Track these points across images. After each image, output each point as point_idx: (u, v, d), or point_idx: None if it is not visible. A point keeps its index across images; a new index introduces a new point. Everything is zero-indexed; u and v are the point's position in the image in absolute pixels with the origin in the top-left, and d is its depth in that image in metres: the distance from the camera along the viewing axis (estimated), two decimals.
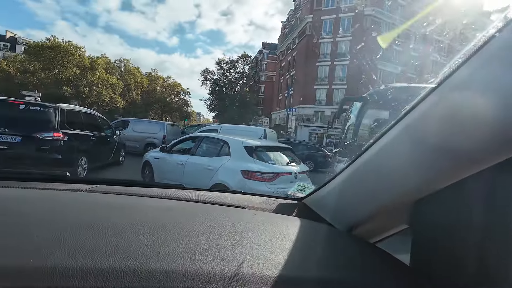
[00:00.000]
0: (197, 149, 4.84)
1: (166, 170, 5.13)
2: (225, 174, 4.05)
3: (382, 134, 0.65)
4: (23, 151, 4.96)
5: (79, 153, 5.91)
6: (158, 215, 0.73)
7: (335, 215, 0.83)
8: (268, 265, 0.52)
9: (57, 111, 5.35)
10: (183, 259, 0.50)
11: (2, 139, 4.86)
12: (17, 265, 0.44)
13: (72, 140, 5.56)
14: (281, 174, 4.03)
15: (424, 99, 0.53)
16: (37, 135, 5.04)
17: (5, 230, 0.55)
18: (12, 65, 35.49)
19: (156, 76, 48.55)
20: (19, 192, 0.85)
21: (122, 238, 0.55)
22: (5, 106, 5.28)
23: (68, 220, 0.62)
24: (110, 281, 0.44)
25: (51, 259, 0.46)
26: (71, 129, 5.63)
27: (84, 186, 1.00)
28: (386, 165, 0.64)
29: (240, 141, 4.37)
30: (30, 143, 5.01)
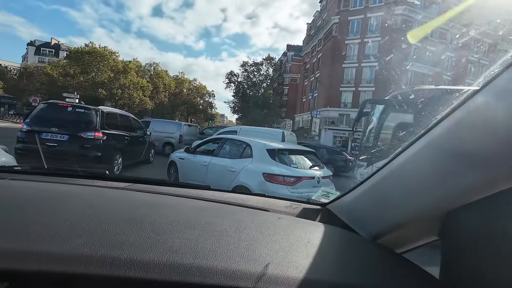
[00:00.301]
0: (220, 150, 4.89)
1: (190, 170, 5.26)
2: (247, 176, 4.05)
3: (413, 140, 0.63)
4: (69, 148, 5.51)
5: (115, 151, 6.38)
6: (190, 214, 0.77)
7: (360, 223, 0.81)
8: (293, 268, 0.53)
9: (98, 113, 5.93)
10: (214, 257, 0.54)
11: (52, 137, 5.48)
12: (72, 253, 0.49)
13: (110, 140, 6.07)
14: (303, 178, 3.97)
15: (463, 104, 0.50)
16: (81, 134, 5.62)
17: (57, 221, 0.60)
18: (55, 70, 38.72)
19: (183, 78, 50.30)
20: (67, 188, 0.92)
21: (159, 235, 0.59)
22: (55, 108, 5.92)
23: (112, 215, 0.68)
24: (151, 273, 0.47)
25: (101, 250, 0.51)
26: (109, 129, 6.15)
27: (122, 184, 1.08)
28: (416, 174, 0.62)
29: (263, 143, 4.35)
30: (75, 142, 5.58)
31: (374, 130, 6.53)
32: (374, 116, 6.75)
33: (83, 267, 0.47)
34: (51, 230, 0.56)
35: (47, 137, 5.47)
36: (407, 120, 6.09)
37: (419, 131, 0.61)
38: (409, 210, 0.64)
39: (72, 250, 0.50)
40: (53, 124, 5.53)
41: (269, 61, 41.90)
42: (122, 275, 0.47)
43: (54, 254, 0.49)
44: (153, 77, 44.23)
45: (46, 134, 5.49)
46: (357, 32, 29.82)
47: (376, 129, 6.45)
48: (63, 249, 0.50)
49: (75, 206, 0.72)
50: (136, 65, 41.47)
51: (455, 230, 0.56)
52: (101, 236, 0.56)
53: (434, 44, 27.28)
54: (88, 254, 0.50)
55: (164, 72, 46.55)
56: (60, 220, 0.61)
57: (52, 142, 5.46)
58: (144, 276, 0.47)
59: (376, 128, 6.45)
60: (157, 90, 43.21)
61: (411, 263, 0.67)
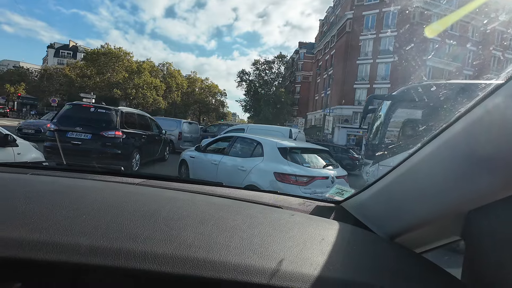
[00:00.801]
0: (230, 149, 4.80)
1: (200, 169, 5.21)
2: (257, 176, 3.93)
3: (430, 138, 0.61)
4: (92, 146, 5.92)
5: (133, 149, 6.73)
6: (203, 209, 0.77)
7: (376, 221, 0.79)
8: (307, 265, 0.53)
9: (118, 113, 6.31)
10: (227, 251, 0.54)
11: (77, 136, 5.92)
12: (89, 245, 0.51)
13: (128, 138, 6.45)
14: (316, 178, 3.80)
15: (483, 101, 0.49)
16: (102, 133, 6.00)
17: (75, 214, 0.63)
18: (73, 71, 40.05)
19: (195, 78, 50.79)
20: (84, 183, 0.96)
21: (173, 229, 0.60)
22: (79, 109, 6.38)
23: (127, 209, 0.69)
24: (164, 266, 0.49)
25: (116, 242, 0.53)
26: (128, 128, 6.52)
27: (136, 180, 1.11)
28: (433, 173, 0.60)
29: (274, 142, 4.20)
30: (97, 140, 5.98)
31: (380, 127, 6.28)
32: (381, 113, 6.48)
33: (99, 259, 0.49)
34: (69, 222, 0.58)
35: (72, 135, 5.89)
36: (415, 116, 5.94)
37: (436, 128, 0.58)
38: (427, 210, 0.62)
39: (89, 242, 0.52)
40: (78, 124, 5.97)
41: (281, 59, 41.52)
42: (137, 267, 0.48)
43: (72, 245, 0.51)
44: (166, 76, 44.88)
45: (72, 133, 5.92)
46: (372, 27, 28.95)
47: (382, 126, 6.21)
48: (80, 241, 0.52)
49: (92, 200, 0.74)
50: (150, 65, 42.19)
51: (478, 229, 0.54)
52: (117, 229, 0.57)
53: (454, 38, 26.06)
54: (104, 246, 0.51)
55: (176, 71, 47.13)
56: (78, 213, 0.63)
57: (76, 140, 5.88)
58: (157, 269, 0.48)
59: (382, 125, 6.21)
60: (170, 89, 43.83)
61: (431, 264, 0.65)
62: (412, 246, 0.72)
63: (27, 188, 0.79)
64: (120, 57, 38.26)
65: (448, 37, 25.62)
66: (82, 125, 5.97)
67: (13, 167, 1.15)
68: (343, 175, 4.28)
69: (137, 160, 6.97)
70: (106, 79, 37.51)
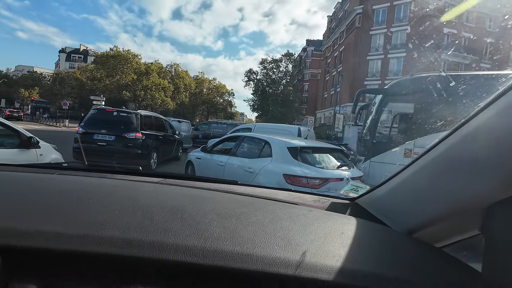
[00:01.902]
0: (237, 149, 4.53)
1: (206, 170, 4.97)
2: (265, 178, 3.64)
3: (450, 132, 0.61)
4: (115, 147, 6.47)
5: (152, 149, 7.18)
6: (225, 205, 0.79)
7: (393, 217, 0.79)
8: (330, 257, 0.54)
9: (137, 116, 6.85)
10: (253, 244, 0.56)
11: (103, 137, 6.50)
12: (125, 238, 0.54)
13: (147, 139, 6.93)
14: (330, 180, 3.48)
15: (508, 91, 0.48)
16: (125, 134, 6.54)
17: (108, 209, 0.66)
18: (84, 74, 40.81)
19: (202, 78, 50.90)
20: (108, 181, 1.00)
21: (200, 223, 0.63)
22: (104, 113, 6.97)
23: (153, 205, 0.72)
24: (196, 257, 0.51)
25: (149, 235, 0.56)
26: (146, 130, 7.02)
27: (155, 179, 1.14)
28: (453, 167, 0.60)
29: (283, 141, 3.91)
30: (120, 141, 6.53)
31: (372, 122, 6.16)
32: (372, 108, 6.34)
33: (135, 250, 0.52)
34: (103, 217, 0.61)
35: (98, 137, 6.46)
36: (407, 110, 5.80)
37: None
38: (445, 205, 0.62)
39: (124, 235, 0.55)
40: (102, 127, 6.55)
41: (288, 58, 40.96)
42: (170, 258, 0.51)
43: (109, 238, 0.54)
44: (174, 77, 45.14)
45: (97, 135, 6.48)
46: (382, 22, 28.07)
47: (374, 121, 6.08)
48: (116, 234, 0.55)
49: (120, 197, 0.77)
50: (158, 66, 42.50)
51: (498, 224, 0.54)
52: (148, 223, 0.60)
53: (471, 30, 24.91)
54: (138, 239, 0.54)
55: (184, 72, 47.35)
56: (109, 209, 0.66)
57: (102, 142, 6.45)
58: (190, 260, 0.51)
59: (374, 120, 6.09)
60: (178, 90, 44.05)
61: (451, 257, 0.65)
62: (431, 241, 0.71)
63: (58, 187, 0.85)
64: (129, 59, 38.70)
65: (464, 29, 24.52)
66: (106, 127, 6.53)
67: (39, 168, 1.23)
68: (358, 176, 3.94)
69: (155, 159, 7.37)
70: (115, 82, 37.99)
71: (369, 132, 6.26)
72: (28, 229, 0.55)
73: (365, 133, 6.55)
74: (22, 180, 0.90)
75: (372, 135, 6.14)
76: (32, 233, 0.54)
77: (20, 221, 0.58)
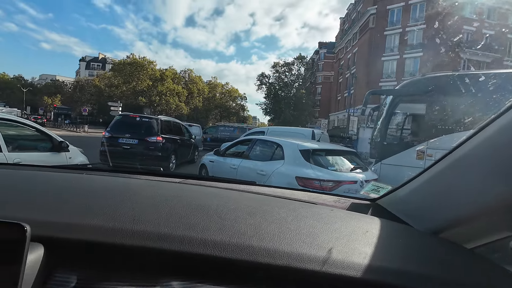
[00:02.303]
0: (250, 152, 4.55)
1: (219, 173, 5.01)
2: (278, 181, 3.60)
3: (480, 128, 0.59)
4: (138, 149, 7.01)
5: (171, 152, 7.65)
6: (248, 203, 0.80)
7: (418, 217, 0.76)
8: (356, 254, 0.54)
9: (158, 121, 7.39)
10: (279, 240, 0.56)
11: (127, 141, 7.09)
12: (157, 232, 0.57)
13: (167, 142, 7.43)
14: (343, 183, 3.41)
15: None
16: (147, 138, 7.08)
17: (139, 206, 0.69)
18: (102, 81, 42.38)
19: (215, 83, 51.54)
20: (133, 181, 1.03)
21: (225, 220, 0.64)
22: (127, 119, 7.57)
23: (180, 202, 0.75)
24: (223, 252, 0.52)
25: (178, 230, 0.58)
26: (166, 134, 7.51)
27: (176, 179, 1.17)
28: (482, 165, 0.58)
29: (296, 143, 3.89)
30: (143, 144, 7.07)
31: (383, 124, 6.06)
32: (383, 109, 6.23)
33: (166, 244, 0.54)
34: (135, 213, 0.64)
35: (123, 141, 7.04)
36: (419, 111, 5.64)
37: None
38: (472, 204, 0.60)
39: (156, 229, 0.57)
40: (127, 131, 7.13)
41: (301, 60, 40.80)
42: (199, 252, 0.52)
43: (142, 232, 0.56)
44: (187, 83, 45.99)
45: (122, 139, 7.07)
46: (397, 22, 27.43)
47: (385, 122, 5.99)
48: (149, 228, 0.57)
49: (147, 195, 0.79)
50: (172, 72, 43.46)
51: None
52: (176, 219, 0.62)
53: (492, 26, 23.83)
54: (169, 233, 0.56)
55: (198, 77, 48.15)
56: (140, 206, 0.69)
57: (126, 145, 7.01)
58: (218, 254, 0.52)
59: (385, 122, 5.99)
60: (192, 95, 44.81)
61: (483, 259, 0.63)
62: (460, 242, 0.68)
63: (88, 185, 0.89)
64: (144, 66, 39.83)
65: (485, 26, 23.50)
66: (130, 132, 7.10)
67: (68, 169, 1.30)
68: (373, 178, 3.84)
69: (173, 161, 7.78)
70: (131, 88, 39.17)
71: (380, 133, 6.16)
72: (69, 222, 0.59)
73: (376, 134, 6.46)
74: (56, 179, 0.97)
75: (383, 137, 6.03)
76: (73, 225, 0.58)
77: (61, 215, 0.62)
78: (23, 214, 0.61)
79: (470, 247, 0.67)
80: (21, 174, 1.03)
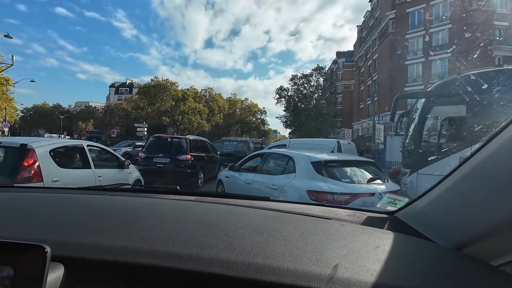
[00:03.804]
0: (262, 166, 4.47)
1: (234, 189, 5.00)
2: (289, 195, 3.45)
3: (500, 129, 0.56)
4: (170, 167, 7.57)
5: (199, 168, 8.04)
6: (256, 221, 0.81)
7: (438, 231, 0.72)
8: (364, 271, 0.52)
9: (187, 141, 7.99)
10: (284, 258, 0.56)
11: (160, 160, 7.69)
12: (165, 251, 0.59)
13: (195, 160, 7.91)
14: (359, 195, 3.17)
15: None
16: (177, 157, 7.61)
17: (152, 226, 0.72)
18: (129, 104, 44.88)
19: (235, 99, 52.46)
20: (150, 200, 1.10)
21: (232, 238, 0.66)
22: (160, 139, 8.23)
23: (191, 221, 0.77)
24: (229, 270, 0.53)
25: (186, 248, 0.60)
26: (194, 152, 8.03)
27: (191, 197, 1.23)
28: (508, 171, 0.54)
29: (307, 155, 3.71)
30: (174, 162, 7.60)
31: (416, 130, 5.47)
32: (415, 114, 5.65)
33: (174, 263, 0.56)
34: (147, 232, 0.68)
35: (157, 160, 7.67)
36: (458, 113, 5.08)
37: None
38: (500, 215, 0.54)
39: (165, 248, 0.60)
40: (160, 151, 7.74)
41: (319, 71, 40.35)
42: (205, 270, 0.54)
43: (151, 251, 0.59)
44: (208, 101, 47.26)
45: (156, 158, 7.68)
46: (419, 24, 26.29)
47: (418, 128, 5.39)
48: (159, 247, 0.60)
49: (161, 214, 0.83)
50: (193, 92, 45.02)
51: None
52: (186, 238, 0.65)
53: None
54: (177, 252, 0.59)
55: (218, 95, 49.38)
56: (153, 225, 0.73)
57: (160, 164, 7.61)
58: (223, 273, 0.53)
59: (418, 128, 5.39)
60: (213, 112, 45.83)
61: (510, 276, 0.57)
62: (485, 258, 0.61)
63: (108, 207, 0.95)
64: (167, 87, 41.67)
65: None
66: (163, 151, 7.71)
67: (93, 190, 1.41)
68: (394, 190, 3.56)
69: (202, 177, 8.18)
70: (156, 109, 40.98)
71: (414, 141, 5.59)
72: (87, 242, 0.63)
73: (408, 142, 5.90)
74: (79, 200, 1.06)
75: (417, 145, 5.45)
76: (91, 246, 0.62)
77: (80, 235, 0.67)
78: (44, 235, 0.67)
79: (496, 264, 0.60)
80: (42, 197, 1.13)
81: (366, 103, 34.37)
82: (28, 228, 0.71)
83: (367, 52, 35.43)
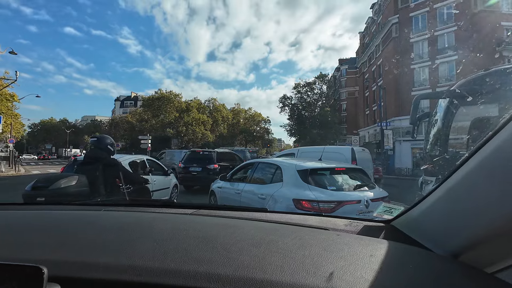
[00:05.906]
0: (252, 176, 4.31)
1: (225, 199, 4.91)
2: (276, 204, 3.39)
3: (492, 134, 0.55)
4: (202, 175, 9.57)
5: None
6: (254, 234, 0.81)
7: (434, 239, 0.72)
8: (361, 282, 0.53)
9: (214, 153, 10.22)
10: (282, 272, 0.56)
11: (194, 169, 9.84)
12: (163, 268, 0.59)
13: (222, 168, 9.35)
14: (345, 203, 3.16)
15: None
16: (207, 166, 9.68)
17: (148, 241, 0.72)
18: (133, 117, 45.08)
19: (238, 109, 52.40)
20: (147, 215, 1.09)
21: (230, 252, 0.66)
22: (194, 153, 10.59)
23: (188, 235, 0.77)
24: (227, 285, 0.53)
25: (184, 264, 0.60)
26: (221, 162, 9.95)
27: (188, 210, 1.22)
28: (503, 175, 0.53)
29: (293, 164, 3.71)
30: (205, 171, 9.64)
31: (439, 134, 4.93)
32: (437, 116, 5.12)
33: (171, 279, 0.55)
34: (143, 248, 0.67)
35: (192, 169, 9.83)
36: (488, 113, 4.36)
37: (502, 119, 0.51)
38: (495, 220, 0.54)
39: (162, 265, 0.59)
40: (194, 162, 9.93)
41: (322, 79, 40.09)
42: (204, 286, 0.53)
43: (148, 268, 0.58)
44: (212, 111, 47.21)
45: (191, 167, 9.89)
46: (423, 28, 25.87)
47: (442, 131, 4.86)
48: (156, 264, 0.60)
49: (159, 229, 0.83)
50: (197, 103, 45.07)
51: None
52: (183, 253, 0.64)
53: None
54: (174, 268, 0.58)
55: (221, 105, 49.38)
56: (148, 240, 0.72)
57: (194, 172, 9.77)
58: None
59: (442, 131, 4.86)
60: (217, 123, 45.69)
61: (505, 284, 0.57)
62: (481, 265, 0.62)
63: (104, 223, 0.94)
64: (171, 99, 41.79)
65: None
66: (196, 162, 9.85)
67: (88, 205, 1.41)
68: (381, 196, 3.51)
69: None
70: (160, 121, 40.99)
71: (438, 145, 5.02)
72: (83, 260, 0.62)
73: (430, 147, 5.33)
74: (75, 217, 1.04)
75: (443, 149, 4.89)
76: (86, 264, 0.61)
77: (76, 254, 0.65)
78: (40, 254, 0.65)
79: (491, 271, 0.60)
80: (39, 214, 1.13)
81: (372, 109, 33.76)
82: (23, 247, 0.69)
83: (371, 57, 35.08)
